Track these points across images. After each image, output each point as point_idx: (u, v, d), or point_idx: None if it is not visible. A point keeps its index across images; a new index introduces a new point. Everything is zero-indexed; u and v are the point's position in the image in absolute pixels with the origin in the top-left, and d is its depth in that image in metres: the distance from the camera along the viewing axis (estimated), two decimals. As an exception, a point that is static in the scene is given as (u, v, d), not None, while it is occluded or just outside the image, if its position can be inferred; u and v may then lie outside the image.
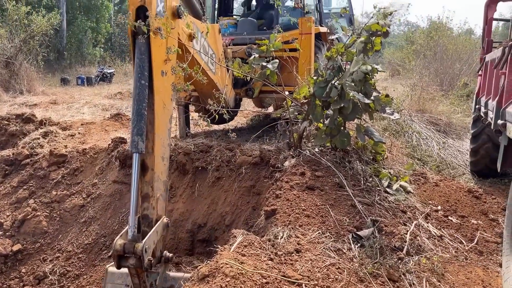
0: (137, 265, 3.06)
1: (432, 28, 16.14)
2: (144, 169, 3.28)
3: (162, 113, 3.38)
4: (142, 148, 3.14)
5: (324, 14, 8.41)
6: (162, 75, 3.37)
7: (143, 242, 3.03)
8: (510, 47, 3.13)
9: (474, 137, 5.81)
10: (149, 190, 3.29)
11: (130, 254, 3.03)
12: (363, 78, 4.30)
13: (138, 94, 3.16)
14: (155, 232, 3.25)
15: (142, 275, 3.20)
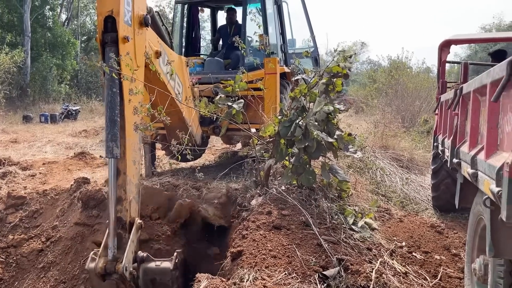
0: (121, 280, 3.28)
1: (392, 67, 16.89)
2: (117, 174, 3.42)
3: (132, 119, 3.54)
4: (117, 153, 3.31)
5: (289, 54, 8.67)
6: (132, 81, 3.54)
7: (123, 262, 3.21)
8: (461, 90, 3.31)
9: (434, 173, 6.01)
10: (122, 193, 3.43)
11: (112, 273, 3.22)
12: (325, 118, 4.43)
13: (110, 101, 3.33)
14: (132, 243, 3.41)
15: (126, 282, 3.41)
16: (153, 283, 3.71)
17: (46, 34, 26.39)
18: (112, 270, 3.24)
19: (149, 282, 3.66)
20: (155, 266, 3.68)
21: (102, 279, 3.33)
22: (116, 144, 3.28)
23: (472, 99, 2.84)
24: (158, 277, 3.67)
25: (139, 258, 3.61)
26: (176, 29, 8.53)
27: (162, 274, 3.68)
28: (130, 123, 3.49)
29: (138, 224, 3.59)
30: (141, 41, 3.79)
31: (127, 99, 3.47)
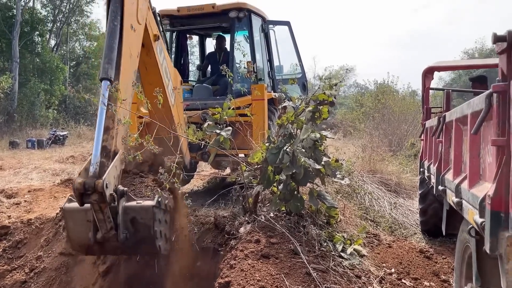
0: (100, 201, 3.06)
1: (379, 91, 17.16)
2: (108, 111, 3.43)
3: (128, 62, 3.76)
4: (112, 74, 3.45)
5: (276, 80, 8.78)
6: (131, 28, 3.90)
7: (103, 178, 3.02)
8: (444, 118, 3.37)
9: (421, 198, 6.04)
10: (110, 123, 3.40)
11: (91, 190, 3.02)
12: (312, 145, 4.46)
13: (110, 32, 3.59)
14: (114, 167, 3.24)
15: (106, 210, 3.18)
16: (134, 223, 3.37)
17: (35, 59, 26.43)
18: (91, 186, 2.98)
19: (128, 222, 3.35)
20: (136, 204, 3.39)
21: (80, 201, 3.07)
22: (111, 66, 3.44)
23: (455, 128, 2.90)
24: (139, 216, 3.35)
25: (119, 191, 3.28)
26: (165, 56, 8.60)
27: (143, 213, 3.37)
28: (125, 64, 3.71)
29: (123, 156, 3.42)
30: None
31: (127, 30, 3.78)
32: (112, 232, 3.27)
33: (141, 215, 3.37)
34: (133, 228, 3.37)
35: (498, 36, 1.65)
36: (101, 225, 3.23)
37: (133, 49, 3.95)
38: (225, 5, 7.78)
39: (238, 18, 7.64)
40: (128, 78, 3.83)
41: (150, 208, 3.38)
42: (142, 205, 3.38)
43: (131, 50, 3.88)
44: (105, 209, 3.17)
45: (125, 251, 3.61)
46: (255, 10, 8.12)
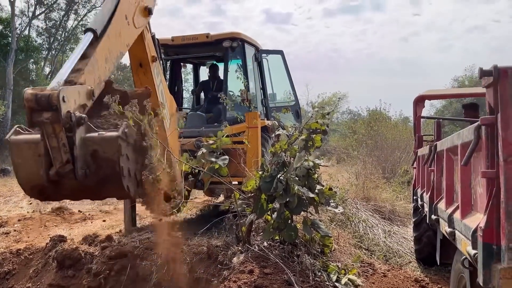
0: (53, 119, 2.54)
1: (371, 118, 17.33)
2: (83, 57, 3.18)
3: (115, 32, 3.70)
4: (97, 27, 3.35)
5: (270, 108, 8.87)
6: (125, 18, 3.99)
7: (59, 89, 2.55)
8: (435, 147, 3.40)
9: (415, 225, 6.02)
10: (83, 66, 3.11)
11: (45, 104, 2.52)
12: (306, 173, 4.46)
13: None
14: (76, 91, 2.80)
15: (61, 134, 2.63)
16: (95, 158, 2.82)
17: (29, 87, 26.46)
18: (44, 97, 2.53)
19: (89, 156, 2.81)
20: (97, 135, 2.85)
21: (30, 119, 2.60)
22: (101, 25, 3.45)
23: (446, 158, 2.92)
24: (101, 149, 2.80)
25: (76, 117, 2.68)
26: (159, 84, 8.67)
27: (106, 145, 2.82)
28: (113, 27, 3.65)
29: (90, 89, 3.01)
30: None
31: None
32: (68, 166, 2.72)
33: (104, 148, 2.82)
34: (94, 164, 2.82)
35: (484, 70, 1.70)
36: (55, 156, 2.70)
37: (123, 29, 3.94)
38: (219, 34, 7.93)
39: (232, 47, 7.78)
40: (114, 44, 3.70)
41: (114, 139, 2.82)
42: (105, 136, 2.84)
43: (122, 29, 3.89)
44: (60, 133, 2.65)
45: (86, 192, 3.00)
46: (248, 40, 8.27)
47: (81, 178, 2.76)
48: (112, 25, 3.63)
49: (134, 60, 5.08)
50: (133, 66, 5.14)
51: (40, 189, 2.94)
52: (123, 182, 2.90)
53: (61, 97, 2.53)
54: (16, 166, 2.95)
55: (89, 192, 3.01)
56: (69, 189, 2.92)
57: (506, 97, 1.64)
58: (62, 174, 2.74)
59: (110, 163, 2.83)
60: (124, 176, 2.91)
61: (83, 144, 2.78)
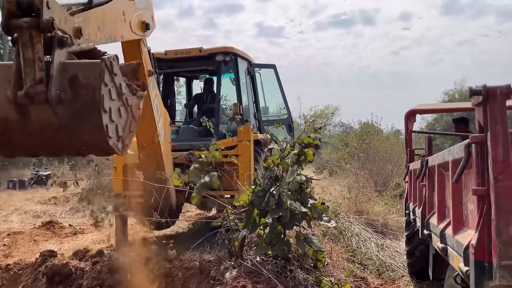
0: (32, 24, 2.24)
1: (363, 132, 17.44)
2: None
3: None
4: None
5: (262, 121, 8.90)
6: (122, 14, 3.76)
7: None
8: (426, 162, 3.43)
9: (408, 239, 6.02)
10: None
11: (26, 8, 2.24)
12: (298, 187, 4.47)
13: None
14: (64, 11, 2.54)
15: (38, 46, 2.31)
16: (73, 83, 2.44)
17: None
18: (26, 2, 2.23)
19: (66, 81, 2.43)
20: (78, 61, 2.54)
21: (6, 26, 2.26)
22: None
23: (437, 173, 2.95)
24: (82, 73, 2.45)
25: (58, 37, 2.39)
26: (152, 98, 8.69)
27: (87, 70, 2.47)
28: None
29: (78, 27, 2.69)
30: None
31: None
32: (40, 87, 2.35)
33: (84, 73, 2.47)
34: (71, 91, 2.45)
35: (473, 90, 1.73)
36: (28, 72, 2.34)
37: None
38: (212, 49, 7.98)
39: (225, 61, 7.82)
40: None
41: (97, 64, 2.48)
42: (86, 61, 2.54)
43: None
44: (37, 44, 2.34)
45: (59, 124, 2.52)
46: (241, 54, 8.33)
47: (54, 99, 2.32)
48: (109, 7, 3.34)
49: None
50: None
51: (4, 121, 2.45)
52: (101, 116, 2.46)
53: (45, 2, 2.26)
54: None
55: (63, 124, 2.49)
56: (37, 117, 2.44)
57: (494, 116, 1.67)
58: (32, 95, 2.32)
59: (90, 90, 2.44)
60: (105, 111, 2.49)
61: (61, 68, 2.43)
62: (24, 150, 2.66)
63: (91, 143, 2.59)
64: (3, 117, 2.40)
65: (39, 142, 2.57)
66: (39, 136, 2.52)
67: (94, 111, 2.43)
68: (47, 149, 2.67)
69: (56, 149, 2.65)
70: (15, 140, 2.52)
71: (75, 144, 2.58)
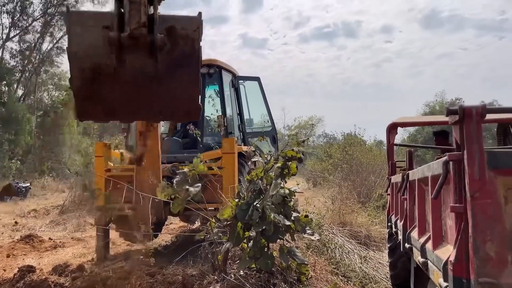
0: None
1: (346, 143, 17.60)
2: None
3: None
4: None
5: (247, 133, 8.92)
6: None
7: None
8: (407, 176, 3.48)
9: (391, 251, 6.06)
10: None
11: None
12: (282, 201, 4.48)
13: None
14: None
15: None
16: (170, 34, 2.50)
17: (0, 109, 25.89)
18: None
19: (165, 31, 2.49)
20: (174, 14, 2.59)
21: None
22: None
23: (418, 187, 2.99)
24: (179, 25, 2.50)
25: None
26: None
27: (185, 22, 2.51)
28: None
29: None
30: None
31: None
32: (143, 30, 2.41)
33: (182, 25, 2.52)
34: (169, 41, 2.50)
35: (450, 109, 1.77)
36: (133, 14, 2.42)
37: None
38: (196, 61, 7.99)
39: (209, 73, 7.86)
40: None
41: (196, 18, 2.54)
42: (183, 15, 2.61)
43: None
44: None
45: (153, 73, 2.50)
46: (225, 66, 8.37)
47: (159, 42, 2.42)
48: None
49: None
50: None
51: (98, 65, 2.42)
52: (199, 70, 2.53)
53: None
54: (74, 36, 2.45)
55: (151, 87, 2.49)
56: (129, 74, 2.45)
57: (470, 135, 1.71)
58: (137, 36, 2.39)
59: (189, 41, 2.50)
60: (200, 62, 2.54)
61: (162, 20, 2.49)
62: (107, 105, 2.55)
63: (181, 98, 2.57)
64: (96, 64, 2.40)
65: (129, 92, 2.51)
66: (131, 85, 2.49)
67: (193, 61, 2.49)
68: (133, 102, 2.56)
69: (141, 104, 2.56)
70: (103, 91, 2.46)
71: (164, 97, 2.52)
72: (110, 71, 2.44)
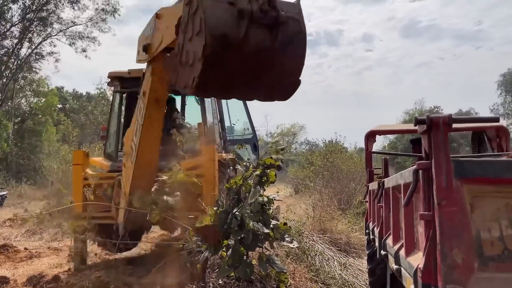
0: None
1: (327, 150, 17.75)
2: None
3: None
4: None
5: (227, 141, 8.90)
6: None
7: None
8: (383, 184, 3.53)
9: (369, 258, 6.11)
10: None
11: None
12: (260, 209, 4.48)
13: None
14: None
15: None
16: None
17: (-24, 115, 25.32)
18: None
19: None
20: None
21: None
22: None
23: (392, 195, 3.04)
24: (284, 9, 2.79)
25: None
26: (114, 117, 8.56)
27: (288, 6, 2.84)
28: None
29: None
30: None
31: None
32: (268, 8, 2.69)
33: (286, 9, 2.81)
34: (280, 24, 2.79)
35: (418, 119, 1.82)
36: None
37: None
38: (176, 68, 7.96)
39: (189, 81, 7.81)
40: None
41: (297, 4, 2.90)
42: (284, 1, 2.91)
43: None
44: None
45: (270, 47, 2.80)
46: (206, 74, 8.35)
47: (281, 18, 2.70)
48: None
49: (152, 94, 4.99)
50: (150, 99, 5.04)
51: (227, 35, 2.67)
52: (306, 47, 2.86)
53: None
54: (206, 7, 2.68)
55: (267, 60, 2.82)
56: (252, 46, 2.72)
57: (438, 145, 1.75)
58: (266, 10, 2.67)
59: (296, 22, 2.81)
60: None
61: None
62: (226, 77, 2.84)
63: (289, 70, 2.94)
64: (226, 34, 2.64)
65: (250, 63, 2.81)
66: (252, 57, 2.78)
67: (301, 39, 2.86)
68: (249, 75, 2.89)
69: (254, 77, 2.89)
70: (228, 59, 2.72)
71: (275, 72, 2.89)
72: (237, 42, 2.69)
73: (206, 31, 2.58)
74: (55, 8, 29.65)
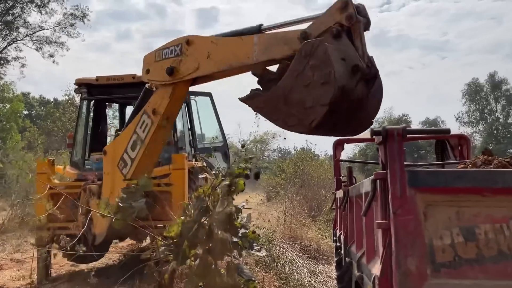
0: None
1: (299, 158, 17.93)
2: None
3: None
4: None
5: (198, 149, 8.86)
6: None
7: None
8: (347, 191, 3.60)
9: (337, 264, 6.19)
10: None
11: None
12: (228, 218, 4.47)
13: None
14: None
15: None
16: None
17: None
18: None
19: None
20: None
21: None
22: None
23: (355, 203, 3.10)
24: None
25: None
26: (81, 124, 8.41)
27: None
28: None
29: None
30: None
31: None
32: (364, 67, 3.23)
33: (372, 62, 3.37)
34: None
35: (375, 131, 1.88)
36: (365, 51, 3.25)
37: None
38: (145, 76, 7.90)
39: (158, 88, 7.75)
40: None
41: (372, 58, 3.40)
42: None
43: None
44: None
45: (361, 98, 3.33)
46: (176, 82, 8.31)
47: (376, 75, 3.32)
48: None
49: (166, 113, 5.09)
50: (162, 118, 5.11)
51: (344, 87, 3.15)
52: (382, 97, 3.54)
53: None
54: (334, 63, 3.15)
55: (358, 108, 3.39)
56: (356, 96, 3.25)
57: (393, 155, 1.81)
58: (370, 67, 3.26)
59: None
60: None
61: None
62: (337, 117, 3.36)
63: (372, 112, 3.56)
64: (344, 86, 3.14)
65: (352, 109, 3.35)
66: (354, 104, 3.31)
67: (381, 88, 3.44)
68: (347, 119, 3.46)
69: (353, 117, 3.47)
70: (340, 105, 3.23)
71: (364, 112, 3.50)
72: (350, 93, 3.22)
73: (335, 83, 3.10)
74: (22, 12, 28.93)
